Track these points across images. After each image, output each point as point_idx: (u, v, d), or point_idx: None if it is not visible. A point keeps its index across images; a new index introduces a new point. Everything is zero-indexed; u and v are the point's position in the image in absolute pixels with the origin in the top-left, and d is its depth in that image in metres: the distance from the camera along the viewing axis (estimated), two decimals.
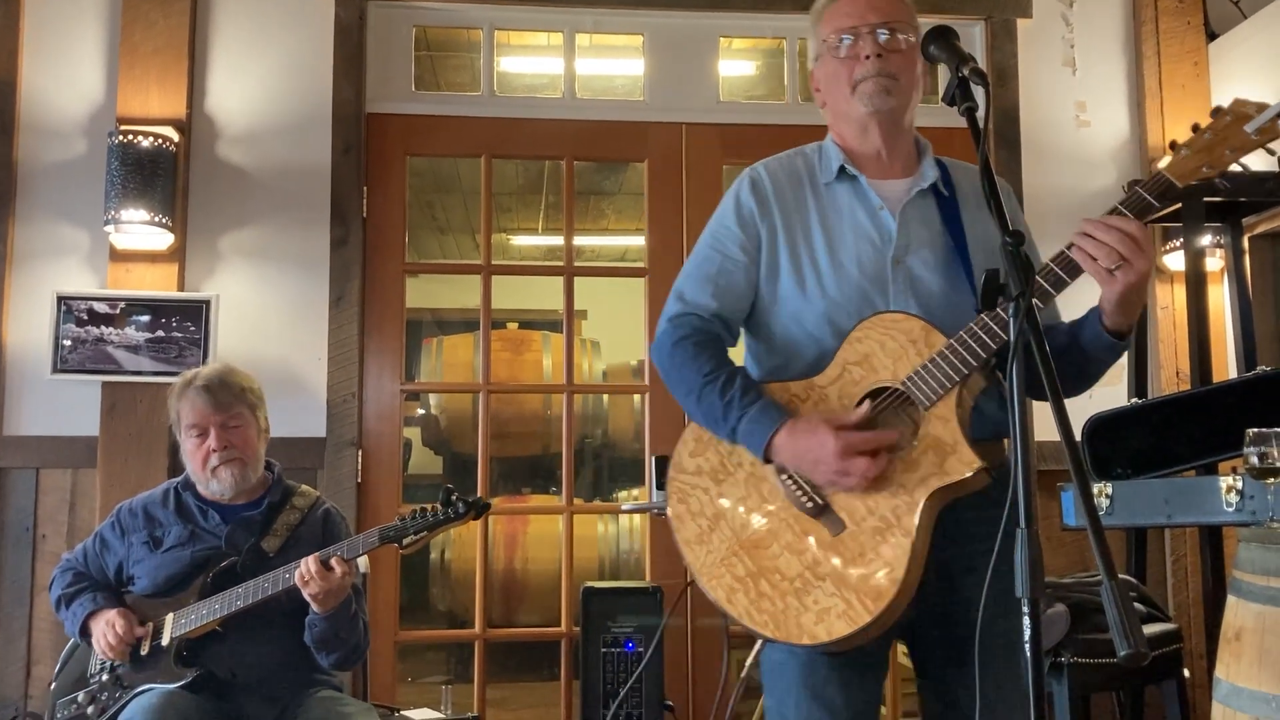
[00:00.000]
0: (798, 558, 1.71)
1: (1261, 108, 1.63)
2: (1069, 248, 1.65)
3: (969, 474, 1.62)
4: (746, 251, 1.89)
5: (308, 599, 2.36)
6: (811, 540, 1.71)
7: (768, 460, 1.74)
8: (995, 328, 1.64)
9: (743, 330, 1.95)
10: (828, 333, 1.80)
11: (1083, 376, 1.82)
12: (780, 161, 1.97)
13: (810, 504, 1.71)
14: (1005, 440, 1.81)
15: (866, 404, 1.69)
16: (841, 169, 1.88)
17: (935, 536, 1.67)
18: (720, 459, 1.82)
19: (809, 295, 1.83)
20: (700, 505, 1.82)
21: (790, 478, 1.73)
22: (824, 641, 1.67)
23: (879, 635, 1.68)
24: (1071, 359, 1.77)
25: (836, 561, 1.68)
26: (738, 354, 1.95)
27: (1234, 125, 1.64)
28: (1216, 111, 1.67)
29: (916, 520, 1.63)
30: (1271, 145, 1.66)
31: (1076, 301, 1.82)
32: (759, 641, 3.77)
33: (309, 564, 2.34)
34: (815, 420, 1.69)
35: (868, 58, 1.82)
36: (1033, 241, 1.99)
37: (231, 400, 2.57)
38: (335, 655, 2.48)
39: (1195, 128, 1.68)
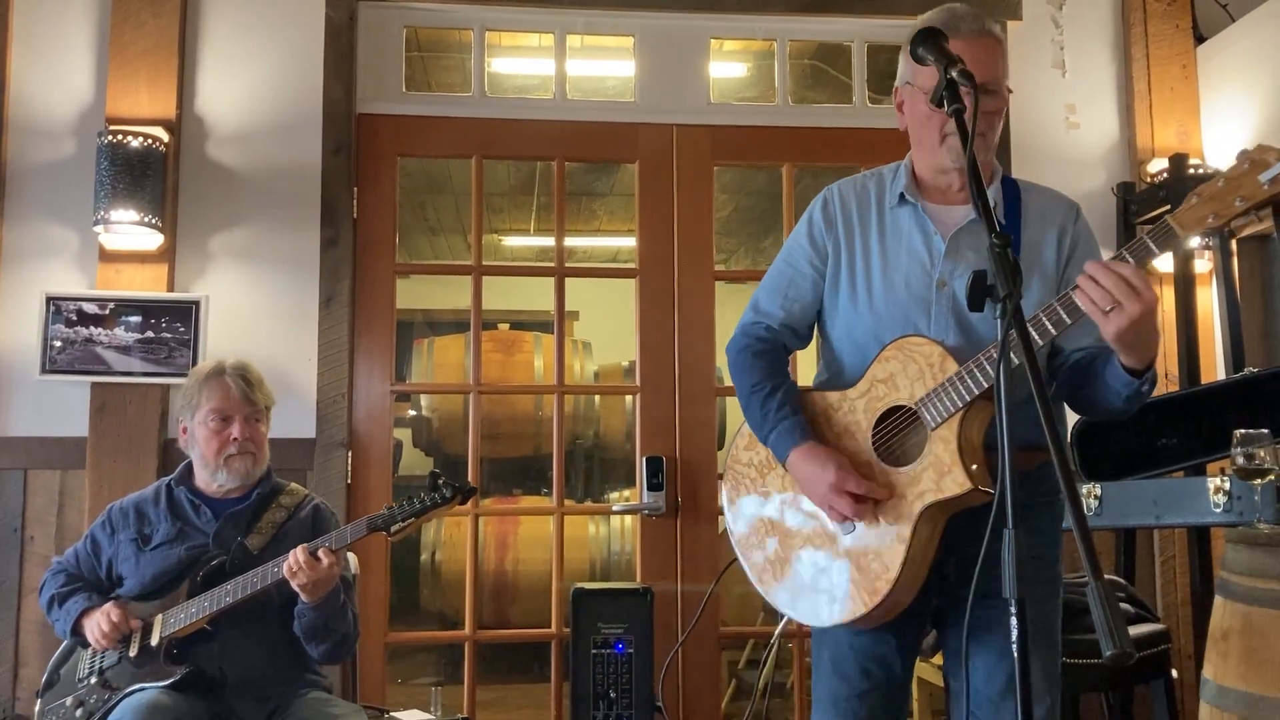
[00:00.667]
0: (816, 549, 1.95)
1: None
2: (1073, 289, 1.71)
3: (960, 493, 1.78)
4: (814, 266, 2.07)
5: (296, 589, 2.36)
6: (829, 535, 1.93)
7: (788, 468, 1.98)
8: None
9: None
10: (873, 346, 1.96)
11: (1101, 401, 1.88)
12: (854, 183, 2.10)
13: None
14: (1035, 449, 1.88)
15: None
16: (902, 195, 2.01)
17: (959, 534, 1.84)
18: (766, 455, 2.04)
19: (859, 310, 2.00)
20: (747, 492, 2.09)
21: None
22: (827, 624, 1.92)
23: (885, 621, 1.89)
24: (1092, 385, 1.88)
25: (846, 556, 1.90)
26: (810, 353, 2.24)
27: (1250, 173, 1.63)
28: (1241, 154, 1.66)
29: (911, 529, 1.82)
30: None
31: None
32: (749, 643, 3.77)
33: (297, 555, 2.35)
34: (829, 453, 1.90)
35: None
36: (1095, 251, 2.00)
37: (260, 397, 2.63)
38: (325, 646, 2.48)
39: (1219, 171, 1.68)
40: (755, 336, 2.08)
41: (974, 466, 1.78)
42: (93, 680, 2.47)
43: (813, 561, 1.94)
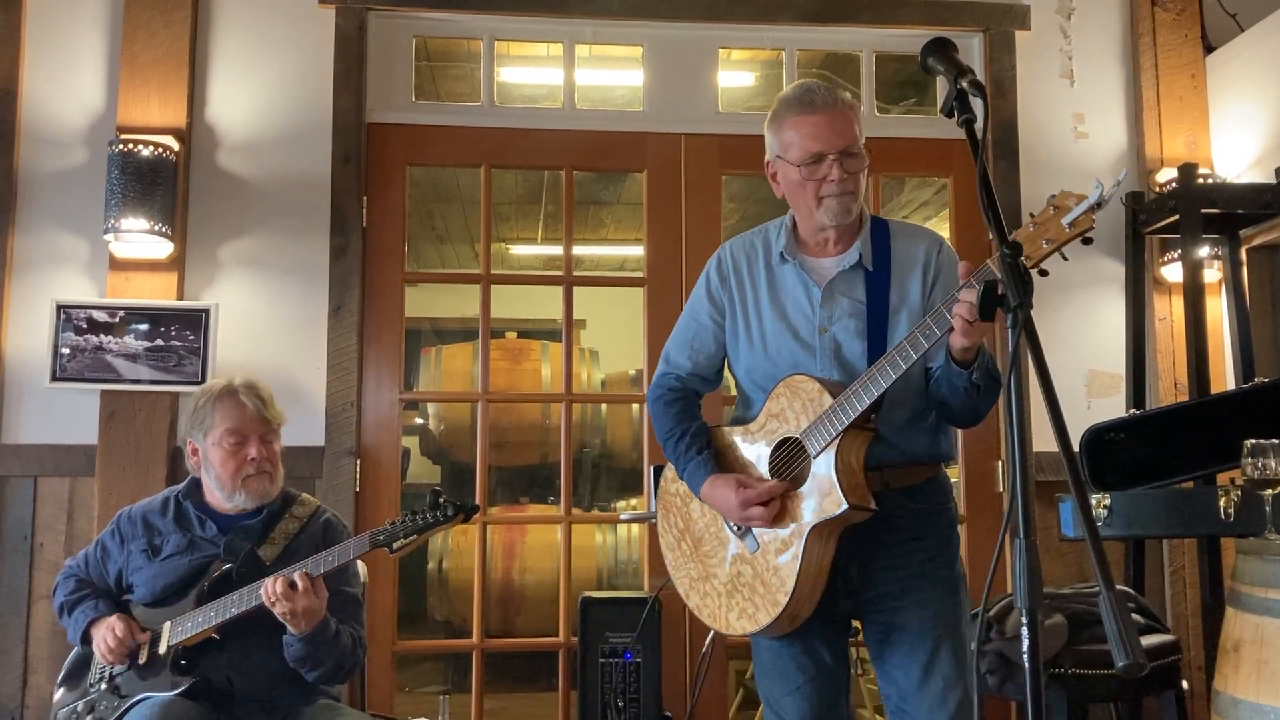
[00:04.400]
0: (728, 567, 2.17)
1: (1081, 199, 1.74)
2: (949, 301, 1.88)
3: (838, 512, 1.98)
4: (714, 319, 2.30)
5: (279, 618, 2.33)
6: (737, 555, 2.15)
7: (701, 500, 2.20)
8: (862, 394, 1.96)
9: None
10: (772, 385, 2.16)
11: (951, 399, 2.06)
12: (743, 241, 2.33)
13: (736, 529, 2.15)
14: (922, 465, 2.17)
15: (774, 482, 2.09)
16: (783, 254, 2.23)
17: (860, 543, 2.07)
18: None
19: (756, 355, 2.23)
20: (675, 519, 2.31)
21: None
22: (739, 634, 2.15)
23: (791, 628, 2.09)
24: (943, 391, 2.07)
25: (751, 573, 2.12)
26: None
27: (1055, 217, 1.77)
28: (1048, 199, 1.81)
29: (803, 547, 2.02)
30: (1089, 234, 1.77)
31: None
32: None
33: (272, 584, 2.31)
34: (729, 478, 2.12)
35: (833, 181, 2.11)
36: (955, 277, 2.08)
37: (273, 416, 2.59)
38: (315, 673, 2.44)
39: (1031, 215, 1.82)
40: (667, 388, 2.33)
41: (850, 488, 1.98)
42: (103, 686, 2.47)
43: (726, 579, 2.17)
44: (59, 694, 2.56)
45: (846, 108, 2.15)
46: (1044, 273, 1.75)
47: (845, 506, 1.96)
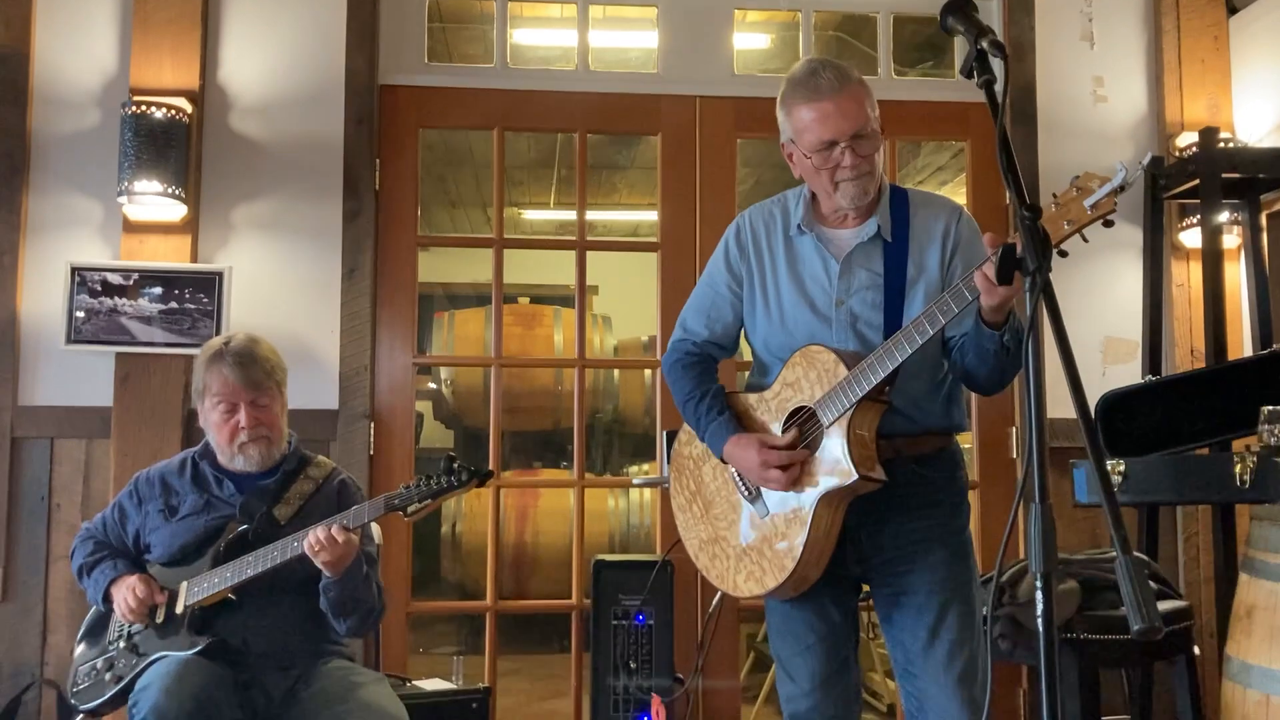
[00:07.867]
0: (738, 530, 2.22)
1: (1104, 182, 1.70)
2: (972, 273, 1.87)
3: (847, 482, 2.01)
4: (732, 289, 2.31)
5: (319, 566, 2.37)
6: (747, 519, 2.20)
7: (723, 461, 2.23)
8: (877, 366, 1.98)
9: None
10: (788, 355, 2.19)
11: (980, 365, 2.06)
12: (762, 210, 2.34)
13: (747, 493, 2.19)
14: (934, 435, 2.19)
15: (795, 431, 2.12)
16: (800, 227, 2.24)
17: (870, 509, 2.10)
18: (704, 449, 2.30)
19: (774, 325, 2.25)
20: (687, 481, 2.35)
21: (738, 472, 2.22)
22: (746, 596, 2.21)
23: (797, 593, 2.14)
24: (971, 355, 2.06)
25: (760, 538, 2.16)
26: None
27: (1078, 199, 1.74)
28: (1071, 180, 1.78)
29: (812, 514, 2.06)
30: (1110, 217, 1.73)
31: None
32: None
33: (318, 533, 2.35)
34: (751, 438, 2.15)
35: (846, 167, 2.11)
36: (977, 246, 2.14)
37: (263, 377, 2.55)
38: (351, 620, 2.48)
39: (1054, 195, 1.79)
40: (684, 352, 2.36)
41: (860, 459, 2.01)
42: (121, 645, 2.50)
43: (735, 542, 2.21)
44: (78, 652, 2.60)
45: (855, 86, 2.13)
46: (1063, 253, 1.73)
47: (855, 477, 1.99)
